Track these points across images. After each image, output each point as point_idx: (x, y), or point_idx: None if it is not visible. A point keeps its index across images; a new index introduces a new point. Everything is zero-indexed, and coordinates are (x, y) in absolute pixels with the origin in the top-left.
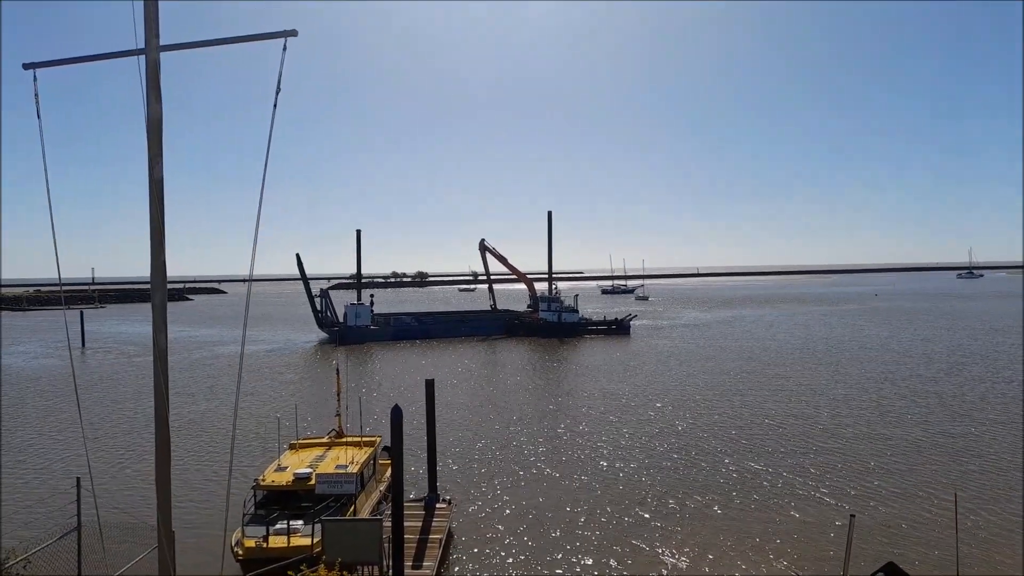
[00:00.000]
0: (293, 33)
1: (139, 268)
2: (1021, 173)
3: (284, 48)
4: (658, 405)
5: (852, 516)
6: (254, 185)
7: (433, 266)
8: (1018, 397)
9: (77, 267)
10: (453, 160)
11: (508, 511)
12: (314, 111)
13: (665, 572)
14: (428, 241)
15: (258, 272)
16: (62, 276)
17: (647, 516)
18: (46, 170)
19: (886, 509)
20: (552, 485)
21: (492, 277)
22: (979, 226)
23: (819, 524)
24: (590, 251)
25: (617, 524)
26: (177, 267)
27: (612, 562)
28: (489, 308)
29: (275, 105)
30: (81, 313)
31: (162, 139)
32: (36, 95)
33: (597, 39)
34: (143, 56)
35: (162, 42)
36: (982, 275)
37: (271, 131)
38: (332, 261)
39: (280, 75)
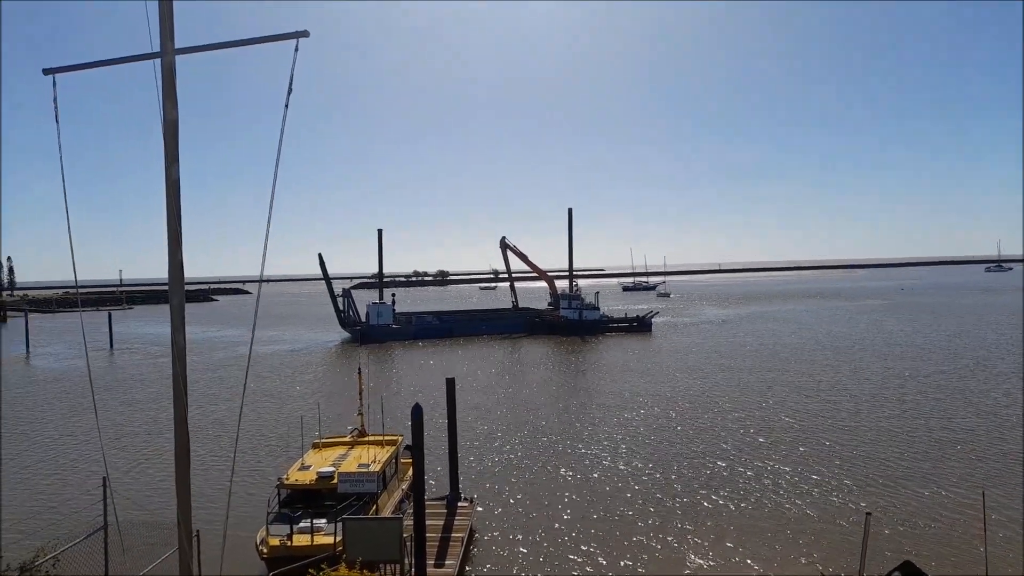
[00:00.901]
0: (305, 34)
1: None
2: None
3: (296, 49)
4: (679, 403)
5: (868, 514)
6: (279, 185)
7: (454, 265)
8: None
9: (105, 269)
10: (473, 160)
11: (530, 509)
12: (332, 113)
13: (685, 571)
14: (449, 240)
15: (281, 272)
16: (92, 278)
17: (668, 515)
18: (63, 172)
19: (907, 508)
20: (574, 484)
21: (513, 275)
22: (1007, 218)
23: (838, 523)
24: (611, 248)
25: (638, 523)
26: (203, 268)
27: (632, 562)
28: (510, 306)
29: (286, 105)
30: (109, 314)
31: (178, 141)
32: (55, 100)
33: (610, 36)
34: (158, 60)
35: (175, 45)
36: (1011, 268)
37: (282, 130)
38: (354, 261)
39: (292, 75)
